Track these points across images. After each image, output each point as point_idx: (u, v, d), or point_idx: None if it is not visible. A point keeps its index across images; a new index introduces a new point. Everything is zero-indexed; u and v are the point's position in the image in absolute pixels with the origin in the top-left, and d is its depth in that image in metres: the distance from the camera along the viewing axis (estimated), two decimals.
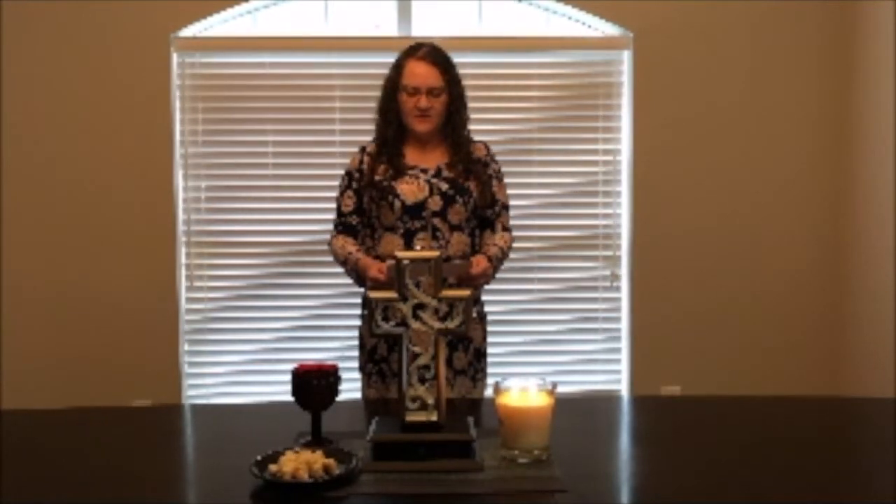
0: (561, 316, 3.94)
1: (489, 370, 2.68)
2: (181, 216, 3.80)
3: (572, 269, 3.93)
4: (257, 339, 3.88)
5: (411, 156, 2.60)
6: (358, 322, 2.74)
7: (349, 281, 2.64)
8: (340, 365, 1.98)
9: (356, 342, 2.71)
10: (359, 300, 2.71)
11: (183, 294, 3.82)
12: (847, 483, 1.77)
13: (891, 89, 3.46)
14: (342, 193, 2.64)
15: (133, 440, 2.05)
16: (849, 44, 3.78)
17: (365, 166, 2.61)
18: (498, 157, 2.70)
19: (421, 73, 2.54)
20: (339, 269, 2.64)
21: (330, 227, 2.68)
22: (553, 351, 3.94)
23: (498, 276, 2.61)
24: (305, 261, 3.82)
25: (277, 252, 3.85)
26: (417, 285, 1.83)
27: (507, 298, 3.83)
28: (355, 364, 2.69)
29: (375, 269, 2.42)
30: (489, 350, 2.70)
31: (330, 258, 2.68)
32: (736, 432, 2.07)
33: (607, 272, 3.93)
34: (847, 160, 3.81)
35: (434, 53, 2.58)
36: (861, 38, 3.71)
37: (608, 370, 3.98)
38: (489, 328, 2.72)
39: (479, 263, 2.44)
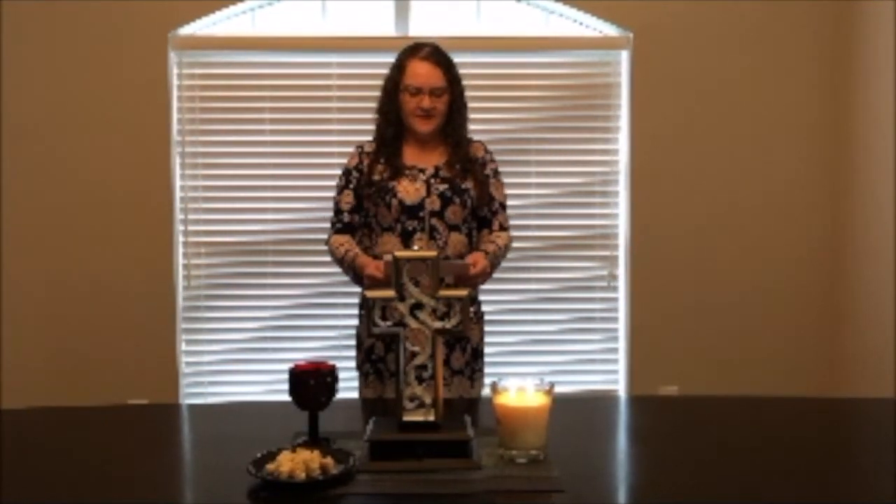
0: (558, 315, 3.95)
1: (487, 370, 2.68)
2: (179, 214, 3.80)
3: (570, 269, 3.93)
4: (253, 335, 3.89)
5: (410, 155, 2.60)
6: (353, 319, 2.74)
7: (342, 276, 2.64)
8: (336, 360, 1.98)
9: (352, 340, 2.71)
10: (352, 295, 2.71)
11: (180, 292, 3.82)
12: (846, 483, 1.77)
13: (891, 89, 3.46)
14: (340, 192, 2.63)
15: (131, 439, 2.05)
16: (849, 44, 3.78)
17: (363, 165, 2.60)
18: (496, 157, 2.70)
19: (423, 74, 2.53)
20: (333, 266, 2.64)
21: (327, 224, 2.67)
22: (550, 351, 3.95)
23: (496, 274, 2.61)
24: (302, 260, 3.83)
25: (276, 251, 3.85)
26: (416, 285, 1.83)
27: (504, 298, 3.83)
28: (351, 358, 2.69)
29: (373, 266, 2.42)
30: (486, 350, 2.70)
31: (324, 255, 2.67)
32: (734, 432, 2.06)
33: (605, 272, 3.93)
34: (846, 160, 3.81)
35: (436, 53, 2.57)
36: (861, 38, 3.70)
37: (606, 370, 3.98)
38: (486, 328, 2.72)
39: (478, 263, 2.44)
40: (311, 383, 1.87)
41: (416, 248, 2.45)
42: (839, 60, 3.81)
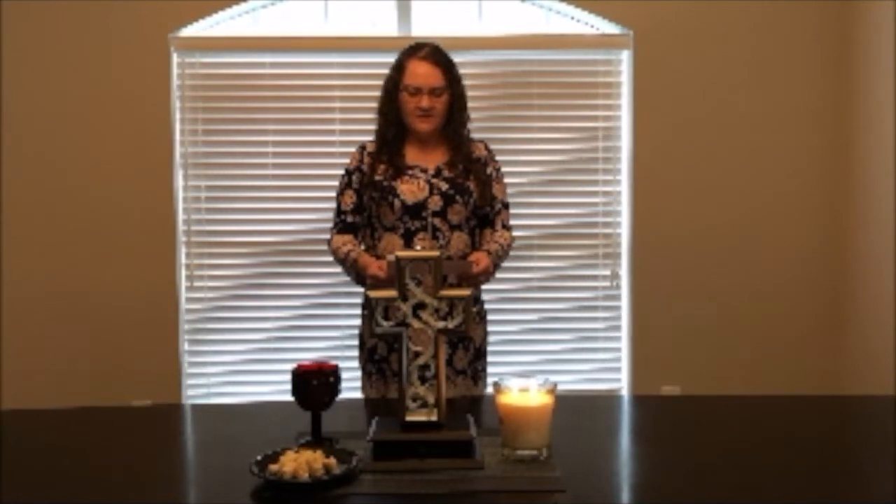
0: (562, 315, 3.94)
1: (490, 369, 2.68)
2: (181, 216, 3.80)
3: (572, 268, 3.93)
4: (256, 338, 3.89)
5: (411, 155, 2.60)
6: (357, 320, 2.75)
7: (346, 277, 2.64)
8: (339, 361, 1.98)
9: (356, 341, 2.71)
10: (356, 295, 2.71)
11: (183, 293, 3.83)
12: (847, 482, 1.77)
13: (891, 89, 3.46)
14: (342, 192, 2.64)
15: (133, 440, 2.05)
16: (850, 43, 3.77)
17: (365, 165, 2.61)
18: (497, 157, 2.70)
19: (423, 73, 2.54)
20: (338, 267, 2.64)
21: (329, 225, 2.68)
22: (555, 349, 3.94)
23: (502, 278, 2.61)
24: (304, 260, 3.83)
25: (277, 251, 3.85)
26: (418, 284, 1.83)
27: (505, 301, 3.83)
28: (354, 359, 2.69)
29: (375, 266, 2.43)
30: (489, 349, 2.70)
31: (328, 256, 2.67)
32: (736, 432, 2.06)
33: (608, 272, 3.93)
34: (847, 158, 3.81)
35: (436, 53, 2.57)
36: (862, 37, 3.70)
37: (608, 369, 3.98)
38: (489, 328, 2.72)
39: (480, 262, 2.44)
40: (314, 383, 1.88)
41: (418, 247, 2.45)
42: (840, 59, 3.81)
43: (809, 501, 1.64)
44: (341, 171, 2.67)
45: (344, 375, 1.94)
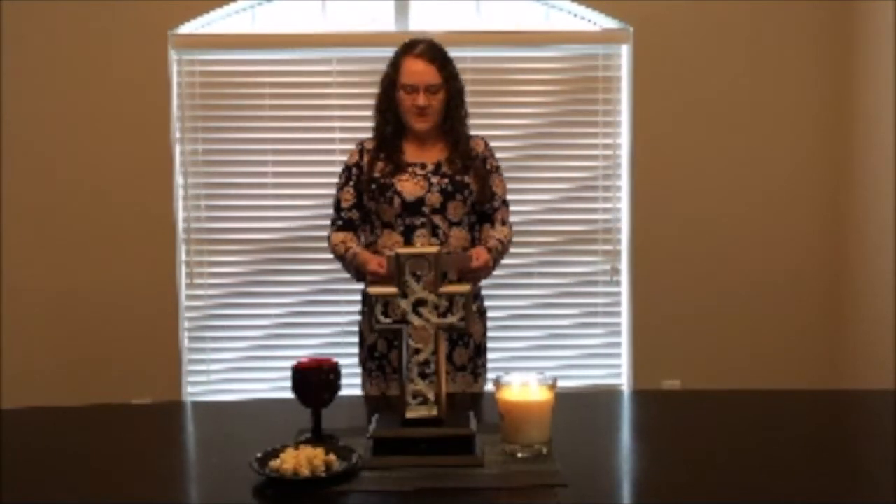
0: (562, 312, 3.94)
1: (490, 366, 2.68)
2: (181, 213, 3.80)
3: (573, 265, 3.93)
4: (257, 335, 3.89)
5: (410, 152, 2.60)
6: (356, 315, 2.75)
7: (345, 273, 2.64)
8: (339, 358, 1.98)
9: (355, 338, 2.71)
10: (355, 291, 2.71)
11: (183, 291, 3.82)
12: (847, 479, 1.76)
13: (891, 88, 3.45)
14: (341, 189, 2.63)
15: (134, 438, 2.05)
16: (850, 36, 3.76)
17: (364, 162, 2.60)
18: (497, 154, 2.70)
19: (418, 71, 2.53)
20: (336, 264, 2.64)
21: (328, 222, 2.67)
22: (555, 345, 3.94)
23: (500, 275, 2.61)
24: (304, 258, 3.83)
25: (277, 248, 3.85)
26: (417, 281, 1.83)
27: (509, 303, 3.84)
28: (354, 356, 2.69)
29: (375, 263, 2.42)
30: (489, 345, 2.70)
31: (327, 253, 2.67)
32: (736, 426, 2.07)
33: (608, 267, 3.93)
34: (846, 154, 3.81)
35: (431, 50, 2.56)
36: (862, 30, 3.70)
37: (609, 364, 3.98)
38: (489, 323, 2.72)
39: (480, 256, 2.44)
40: (314, 380, 1.88)
41: (417, 244, 2.45)
42: (840, 53, 3.80)
43: (810, 496, 1.64)
44: (340, 168, 2.67)
45: (344, 372, 1.94)
